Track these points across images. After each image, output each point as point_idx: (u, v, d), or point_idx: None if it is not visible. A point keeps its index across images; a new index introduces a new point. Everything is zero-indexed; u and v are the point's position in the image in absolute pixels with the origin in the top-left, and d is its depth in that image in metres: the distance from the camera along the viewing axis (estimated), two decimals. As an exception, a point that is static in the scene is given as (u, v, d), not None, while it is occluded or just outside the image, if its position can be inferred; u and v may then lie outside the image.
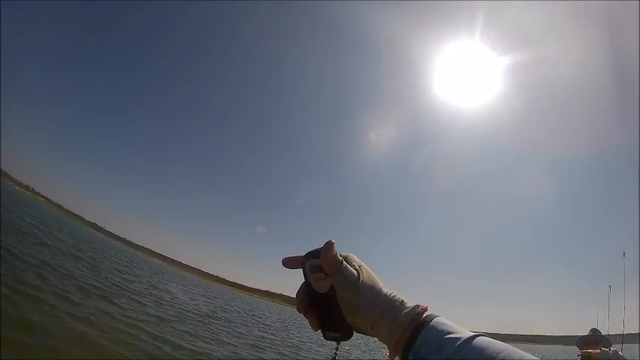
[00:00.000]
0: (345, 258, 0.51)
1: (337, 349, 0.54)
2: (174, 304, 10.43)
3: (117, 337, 4.55)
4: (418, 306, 0.49)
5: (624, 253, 5.74)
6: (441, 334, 0.44)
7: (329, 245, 0.48)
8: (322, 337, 0.53)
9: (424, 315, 0.47)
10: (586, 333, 3.28)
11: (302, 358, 8.49)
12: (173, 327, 6.62)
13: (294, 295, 0.54)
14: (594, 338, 3.14)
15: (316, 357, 8.94)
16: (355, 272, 0.50)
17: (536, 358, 0.44)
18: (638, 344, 9.94)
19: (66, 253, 10.69)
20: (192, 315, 9.45)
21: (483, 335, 0.44)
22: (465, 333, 0.44)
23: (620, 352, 2.92)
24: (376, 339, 0.50)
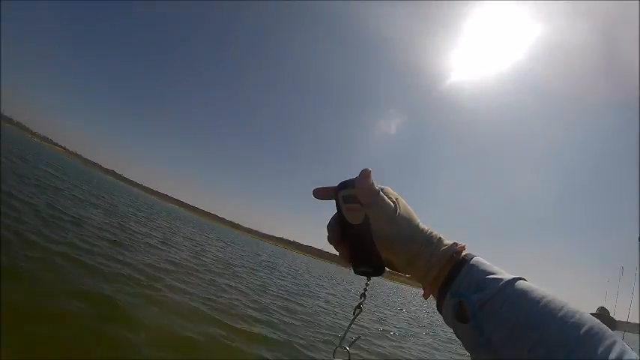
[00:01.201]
0: (381, 190, 0.46)
1: (367, 284, 0.51)
2: (196, 250, 10.69)
3: (131, 290, 4.44)
4: (456, 244, 0.46)
5: None
6: (482, 273, 0.42)
7: (365, 173, 0.45)
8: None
9: (463, 253, 0.45)
10: (593, 310, 3.36)
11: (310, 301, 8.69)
12: (196, 275, 6.64)
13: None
14: (601, 317, 3.05)
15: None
16: (392, 204, 0.46)
17: (566, 302, 0.38)
18: (638, 334, 9.93)
19: (82, 200, 10.77)
20: (215, 262, 9.63)
21: (524, 280, 0.41)
22: (505, 275, 0.41)
23: None
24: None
